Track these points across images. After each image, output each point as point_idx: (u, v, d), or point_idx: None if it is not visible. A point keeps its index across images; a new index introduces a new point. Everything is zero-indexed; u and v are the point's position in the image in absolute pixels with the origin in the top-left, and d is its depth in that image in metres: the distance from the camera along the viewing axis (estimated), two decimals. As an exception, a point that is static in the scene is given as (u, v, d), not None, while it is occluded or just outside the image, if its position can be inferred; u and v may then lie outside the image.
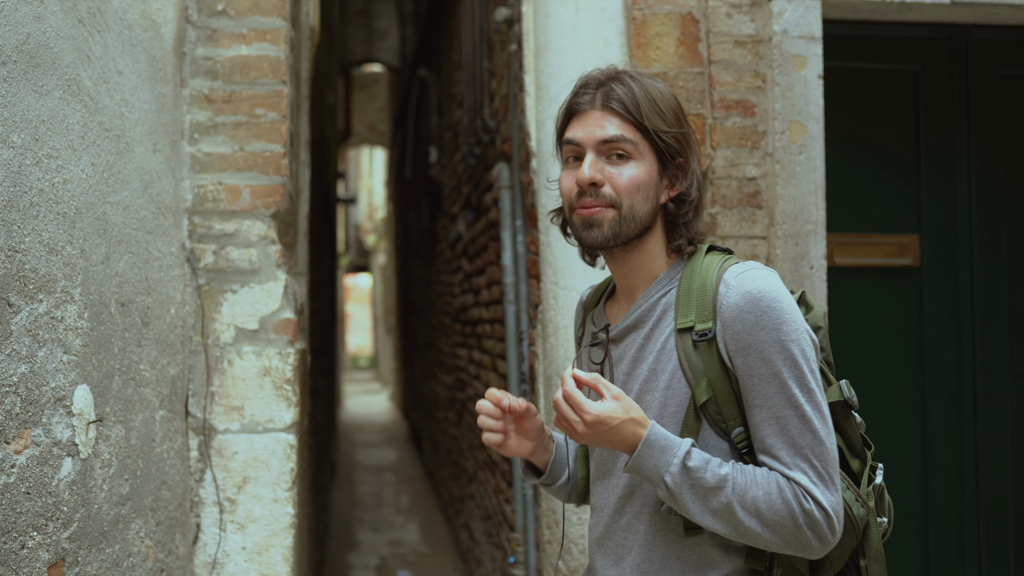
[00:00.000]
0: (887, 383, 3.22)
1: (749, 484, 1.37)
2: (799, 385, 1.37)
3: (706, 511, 1.38)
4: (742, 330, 1.38)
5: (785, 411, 1.37)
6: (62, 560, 1.78)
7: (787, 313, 1.39)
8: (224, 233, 2.76)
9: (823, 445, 1.37)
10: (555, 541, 2.95)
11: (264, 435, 2.74)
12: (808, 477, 1.36)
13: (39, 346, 1.70)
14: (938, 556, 3.22)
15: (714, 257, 1.50)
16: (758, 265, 1.45)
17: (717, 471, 1.37)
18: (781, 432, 1.37)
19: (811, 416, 1.37)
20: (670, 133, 1.48)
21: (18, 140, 1.63)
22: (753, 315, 1.38)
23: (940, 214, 3.24)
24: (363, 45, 11.49)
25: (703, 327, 1.42)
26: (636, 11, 2.88)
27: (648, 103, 1.47)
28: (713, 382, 1.42)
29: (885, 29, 3.17)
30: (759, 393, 1.38)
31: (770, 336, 1.37)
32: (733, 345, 1.40)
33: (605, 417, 1.37)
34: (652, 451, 1.38)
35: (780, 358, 1.37)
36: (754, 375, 1.38)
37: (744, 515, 1.36)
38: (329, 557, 6.07)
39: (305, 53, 3.42)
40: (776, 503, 1.35)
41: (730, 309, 1.40)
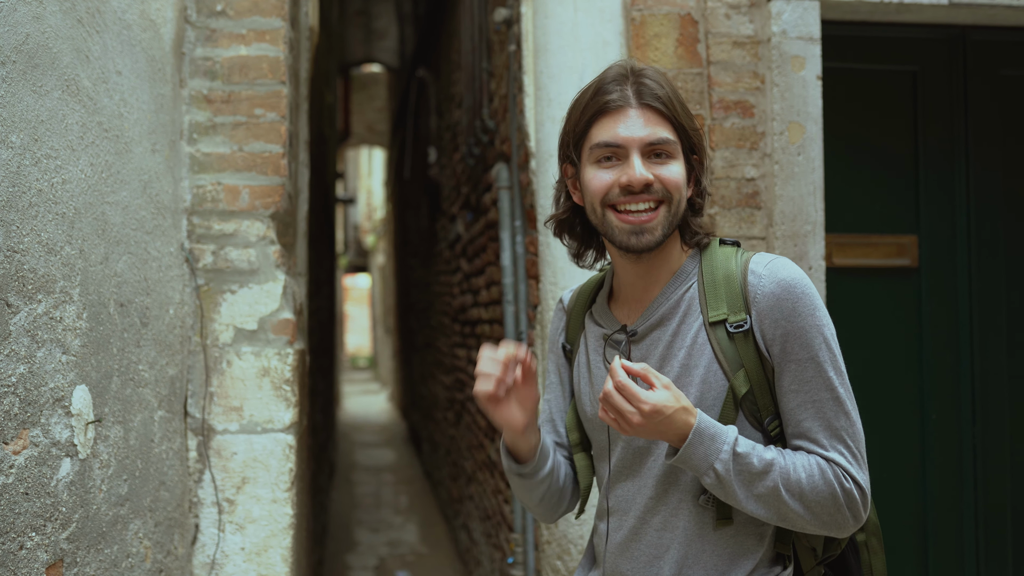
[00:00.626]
0: (886, 383, 3.22)
1: (792, 467, 1.39)
2: (834, 368, 1.42)
3: (751, 496, 1.39)
4: (780, 317, 1.42)
5: (822, 394, 1.41)
6: (60, 561, 1.77)
7: (818, 299, 1.44)
8: (223, 233, 2.76)
9: (855, 426, 1.42)
10: (554, 542, 2.95)
11: (263, 435, 2.74)
12: (845, 458, 1.40)
13: (38, 346, 1.70)
14: (937, 556, 3.22)
15: (728, 249, 1.52)
16: (776, 255, 1.49)
17: (763, 456, 1.40)
18: (818, 415, 1.41)
19: (844, 398, 1.42)
20: (696, 132, 1.50)
21: (17, 140, 1.63)
22: (790, 302, 1.41)
23: (938, 215, 3.24)
24: (362, 45, 11.49)
25: (737, 318, 1.44)
26: (635, 12, 2.89)
27: (677, 100, 1.48)
28: (750, 372, 1.44)
29: (883, 30, 3.18)
30: (796, 378, 1.42)
31: (807, 322, 1.41)
32: (771, 333, 1.42)
33: (661, 406, 1.36)
34: (703, 439, 1.38)
35: (817, 342, 1.41)
36: (792, 360, 1.42)
37: (788, 497, 1.39)
38: (328, 558, 6.07)
39: (304, 53, 3.42)
40: (819, 484, 1.39)
41: (766, 298, 1.43)
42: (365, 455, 10.71)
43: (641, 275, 1.54)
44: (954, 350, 3.25)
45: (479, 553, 4.94)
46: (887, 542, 3.22)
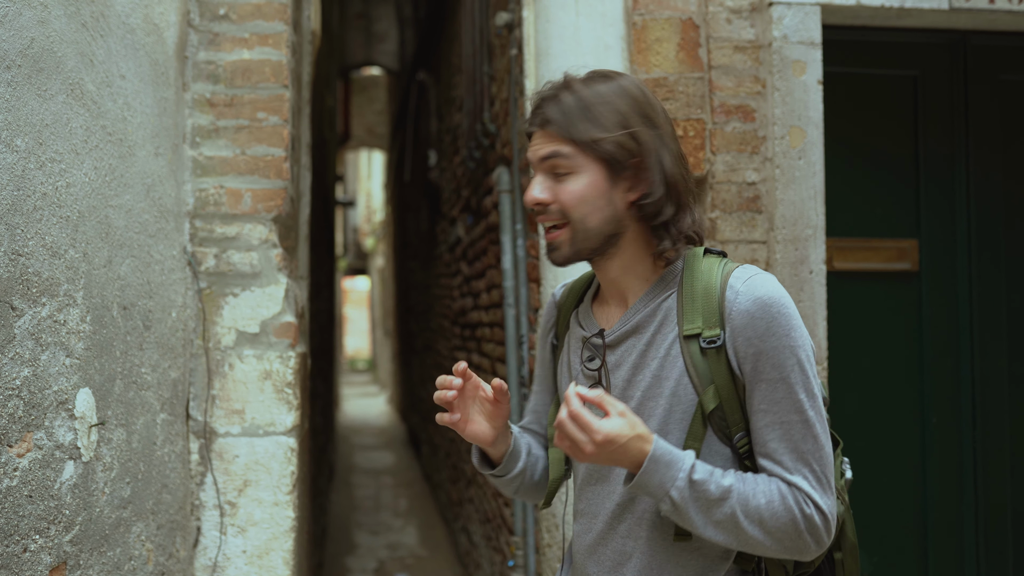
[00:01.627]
0: (886, 387, 3.22)
1: (751, 493, 1.37)
2: (805, 391, 1.39)
3: (709, 523, 1.37)
4: (754, 336, 1.39)
5: (790, 416, 1.38)
6: (64, 563, 1.78)
7: (795, 319, 1.41)
8: (225, 237, 2.77)
9: (823, 450, 1.39)
10: (555, 544, 2.95)
11: (265, 438, 2.74)
12: (809, 482, 1.37)
13: (42, 349, 1.70)
14: (937, 560, 3.23)
15: (712, 260, 1.49)
16: (759, 270, 1.45)
17: (721, 482, 1.37)
18: (785, 436, 1.38)
19: (814, 421, 1.38)
20: (608, 139, 1.44)
21: (22, 144, 1.64)
22: (765, 321, 1.39)
23: (939, 219, 3.25)
24: (362, 48, 11.49)
25: (711, 334, 1.42)
26: (637, 16, 2.89)
27: (580, 113, 1.44)
28: (720, 388, 1.42)
29: (884, 35, 3.18)
30: (766, 398, 1.39)
31: (781, 342, 1.38)
32: (744, 351, 1.40)
33: (614, 435, 1.34)
34: (658, 466, 1.37)
35: (790, 364, 1.38)
36: (763, 380, 1.39)
37: (747, 524, 1.36)
38: (327, 560, 6.07)
39: (306, 57, 3.43)
40: (778, 510, 1.36)
41: (741, 315, 1.40)
42: (364, 458, 10.71)
43: (610, 282, 1.54)
44: (954, 354, 3.25)
45: (479, 556, 4.94)
46: (887, 546, 3.23)
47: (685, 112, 2.88)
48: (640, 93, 1.49)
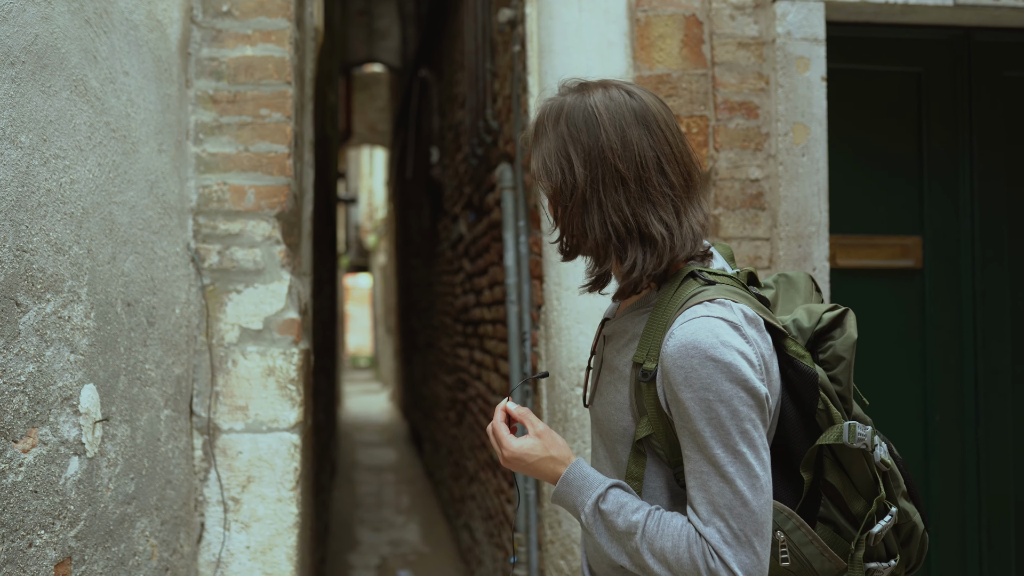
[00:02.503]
0: (889, 384, 3.22)
1: (660, 534, 1.36)
2: (723, 446, 1.32)
3: (622, 551, 1.40)
4: (673, 383, 1.34)
5: (705, 468, 1.33)
6: (69, 559, 1.78)
7: (720, 371, 1.32)
8: (229, 233, 2.77)
9: (746, 506, 1.31)
10: (557, 541, 2.95)
11: (268, 435, 2.74)
12: (720, 536, 1.32)
13: (46, 345, 1.71)
14: (940, 557, 3.23)
15: (687, 289, 1.42)
16: (714, 310, 1.36)
17: (629, 517, 1.38)
18: (701, 487, 1.34)
19: (733, 477, 1.31)
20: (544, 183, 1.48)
21: (26, 140, 1.64)
22: (684, 371, 1.33)
23: (942, 216, 3.25)
24: (364, 45, 11.49)
25: (648, 367, 1.40)
26: (640, 13, 2.89)
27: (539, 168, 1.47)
28: (652, 421, 1.41)
29: (888, 31, 3.18)
30: (684, 445, 1.36)
31: (696, 395, 1.32)
32: (668, 394, 1.37)
33: (521, 454, 1.46)
34: (570, 489, 1.44)
35: (704, 418, 1.32)
36: (681, 428, 1.36)
37: (653, 562, 1.36)
38: (330, 556, 6.08)
39: (309, 54, 3.43)
40: (683, 556, 1.34)
41: (667, 359, 1.35)
42: (367, 454, 10.72)
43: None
44: (957, 351, 3.25)
45: (481, 552, 4.95)
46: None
47: (688, 109, 2.88)
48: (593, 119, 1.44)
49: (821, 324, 1.53)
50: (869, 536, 1.44)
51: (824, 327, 1.53)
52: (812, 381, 1.43)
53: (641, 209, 1.41)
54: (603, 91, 1.45)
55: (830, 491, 1.45)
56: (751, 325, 1.38)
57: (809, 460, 1.44)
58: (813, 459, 1.44)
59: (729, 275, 1.46)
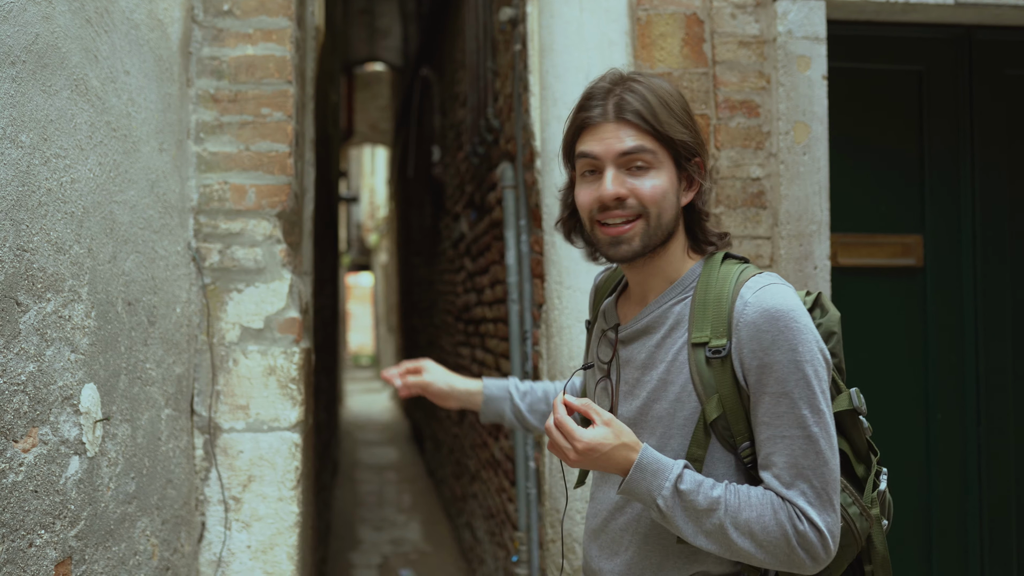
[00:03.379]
0: (890, 383, 3.22)
1: (742, 505, 1.36)
2: (809, 406, 1.36)
3: (699, 532, 1.38)
4: (758, 348, 1.37)
5: (792, 431, 1.36)
6: (69, 558, 1.78)
7: (804, 333, 1.38)
8: (230, 232, 2.77)
9: (827, 466, 1.36)
10: (558, 540, 2.95)
11: (269, 434, 2.74)
12: (806, 498, 1.35)
13: (47, 345, 1.71)
14: (941, 556, 3.23)
15: (730, 267, 1.48)
16: (775, 278, 1.43)
17: (710, 493, 1.37)
18: (786, 451, 1.36)
19: (818, 437, 1.36)
20: (686, 136, 1.47)
21: (27, 140, 1.64)
22: (771, 334, 1.37)
23: (943, 214, 3.24)
24: (366, 44, 11.49)
25: (718, 343, 1.41)
26: (641, 11, 2.89)
27: (663, 108, 1.45)
28: (724, 399, 1.41)
29: (889, 30, 3.18)
30: (769, 411, 1.38)
31: (786, 356, 1.36)
32: (749, 362, 1.39)
33: (596, 444, 1.39)
34: (644, 475, 1.40)
35: (794, 378, 1.36)
36: (766, 393, 1.38)
37: (737, 536, 1.36)
38: (332, 555, 6.08)
39: (310, 53, 3.43)
40: (769, 524, 1.35)
41: (748, 327, 1.38)
42: (368, 453, 10.72)
43: (639, 281, 1.56)
44: (959, 350, 3.25)
45: (482, 551, 4.95)
46: (891, 541, 3.22)
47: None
48: (682, 96, 1.51)
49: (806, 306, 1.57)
50: (880, 494, 1.51)
51: (808, 307, 1.57)
52: (828, 360, 1.46)
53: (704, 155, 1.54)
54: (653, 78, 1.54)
55: (840, 457, 1.49)
56: None
57: None
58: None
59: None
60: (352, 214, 23.31)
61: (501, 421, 1.89)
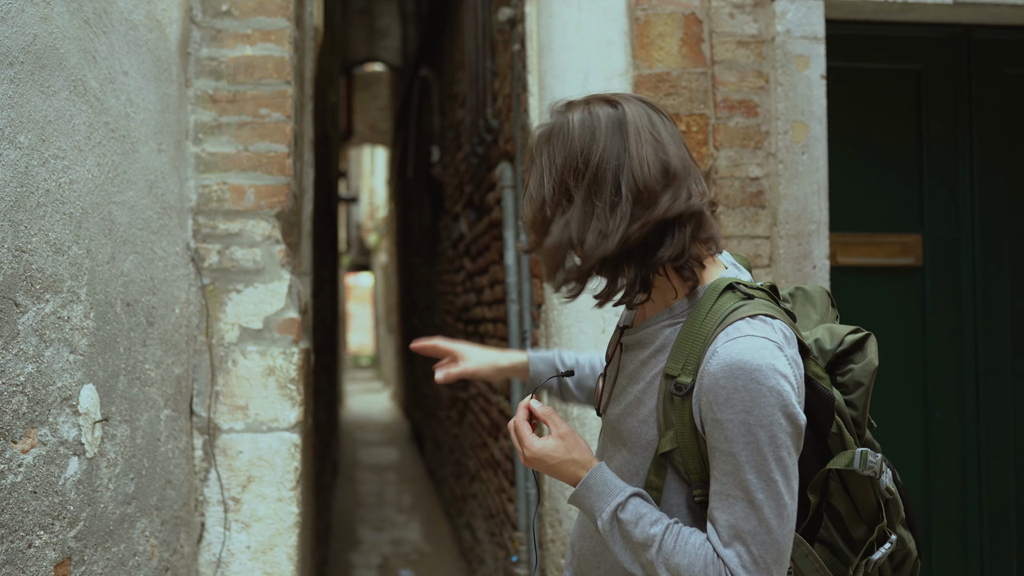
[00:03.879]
0: (889, 382, 3.22)
1: (677, 550, 1.34)
2: (757, 471, 1.29)
3: (635, 561, 1.37)
4: (713, 402, 1.32)
5: (736, 491, 1.31)
6: (68, 559, 1.78)
7: (764, 395, 1.29)
8: (228, 233, 2.77)
9: (770, 534, 1.30)
10: (558, 540, 2.95)
11: (268, 434, 2.74)
12: (740, 560, 1.30)
13: (46, 346, 1.71)
14: (940, 555, 3.23)
15: (726, 301, 1.39)
16: (758, 328, 1.34)
17: (647, 529, 1.36)
18: (727, 509, 1.32)
19: (762, 504, 1.29)
20: (535, 210, 1.45)
21: (25, 141, 1.64)
22: (727, 391, 1.30)
23: (942, 214, 3.24)
24: (365, 44, 11.49)
25: (684, 380, 1.37)
26: (639, 11, 2.89)
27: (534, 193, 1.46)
28: (680, 436, 1.38)
29: (888, 29, 3.18)
30: (717, 467, 1.33)
31: (737, 416, 1.29)
32: (705, 413, 1.34)
33: (543, 455, 1.44)
34: (589, 493, 1.42)
35: (743, 441, 1.29)
36: (715, 448, 1.33)
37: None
38: (332, 556, 6.08)
39: (309, 53, 3.43)
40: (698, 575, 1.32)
41: (708, 376, 1.33)
42: (368, 454, 10.72)
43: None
44: (958, 349, 3.25)
45: (482, 551, 4.95)
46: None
47: (688, 107, 2.88)
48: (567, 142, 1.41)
49: (843, 347, 1.49)
50: (868, 562, 1.44)
51: (845, 349, 1.49)
52: (829, 404, 1.41)
53: (585, 220, 1.39)
54: (585, 108, 1.43)
55: (833, 514, 1.45)
56: (790, 346, 1.37)
57: (817, 483, 1.43)
58: (821, 482, 1.43)
59: (764, 289, 1.44)
60: (352, 214, 23.31)
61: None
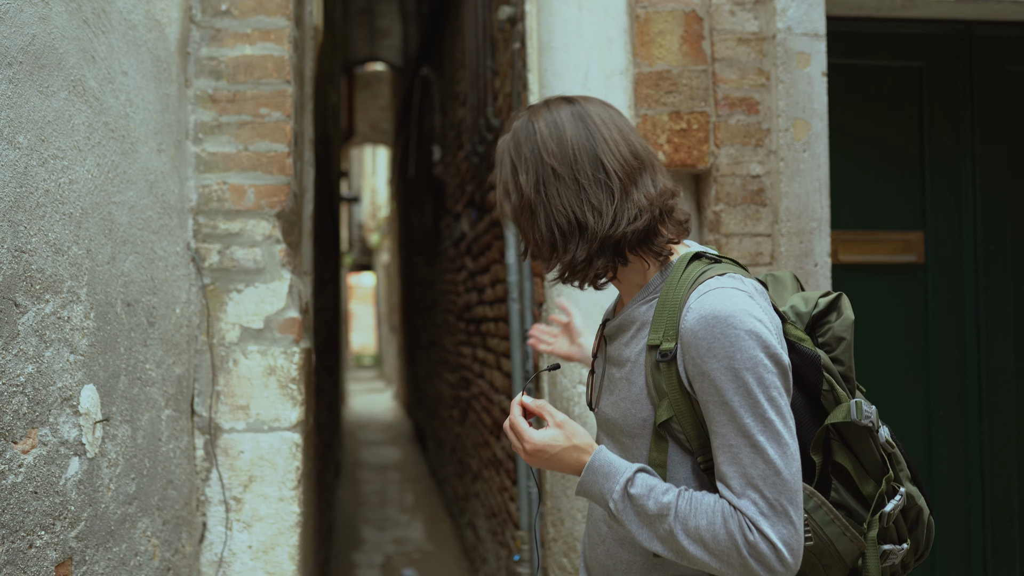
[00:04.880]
0: (892, 380, 3.22)
1: (693, 513, 1.34)
2: (752, 414, 1.31)
3: (653, 537, 1.37)
4: (696, 356, 1.34)
5: (736, 440, 1.32)
6: (69, 559, 1.78)
7: (742, 339, 1.32)
8: (229, 233, 2.77)
9: (779, 475, 1.31)
10: (560, 539, 2.95)
11: (270, 434, 2.74)
12: (756, 508, 1.31)
13: (46, 346, 1.70)
14: (943, 553, 3.22)
15: (694, 268, 1.44)
16: (727, 281, 1.39)
17: (660, 499, 1.36)
18: (732, 460, 1.33)
19: (764, 446, 1.31)
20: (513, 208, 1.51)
21: (24, 141, 1.64)
22: (707, 341, 1.33)
23: (944, 211, 3.24)
24: (366, 44, 11.49)
25: (667, 347, 1.39)
26: (640, 9, 2.88)
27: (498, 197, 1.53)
28: (674, 403, 1.39)
29: (889, 26, 3.17)
30: (714, 420, 1.35)
31: (722, 364, 1.32)
32: (690, 370, 1.36)
33: (544, 445, 1.43)
34: (596, 477, 1.41)
35: (732, 387, 1.32)
36: (707, 402, 1.35)
37: (688, 543, 1.34)
38: (334, 555, 6.08)
39: (309, 52, 3.43)
40: (719, 533, 1.32)
41: (687, 333, 1.36)
42: (371, 453, 10.72)
43: (618, 284, 1.57)
44: (961, 347, 3.24)
45: (485, 551, 4.95)
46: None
47: (689, 105, 2.87)
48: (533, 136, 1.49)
49: (818, 308, 1.53)
50: (882, 516, 1.44)
51: (821, 311, 1.53)
52: (816, 363, 1.43)
53: (576, 200, 1.44)
54: (545, 108, 1.51)
55: (840, 473, 1.44)
56: (763, 298, 1.42)
57: (818, 441, 1.43)
58: (822, 440, 1.43)
59: (730, 259, 1.50)
60: (353, 214, 23.32)
61: None
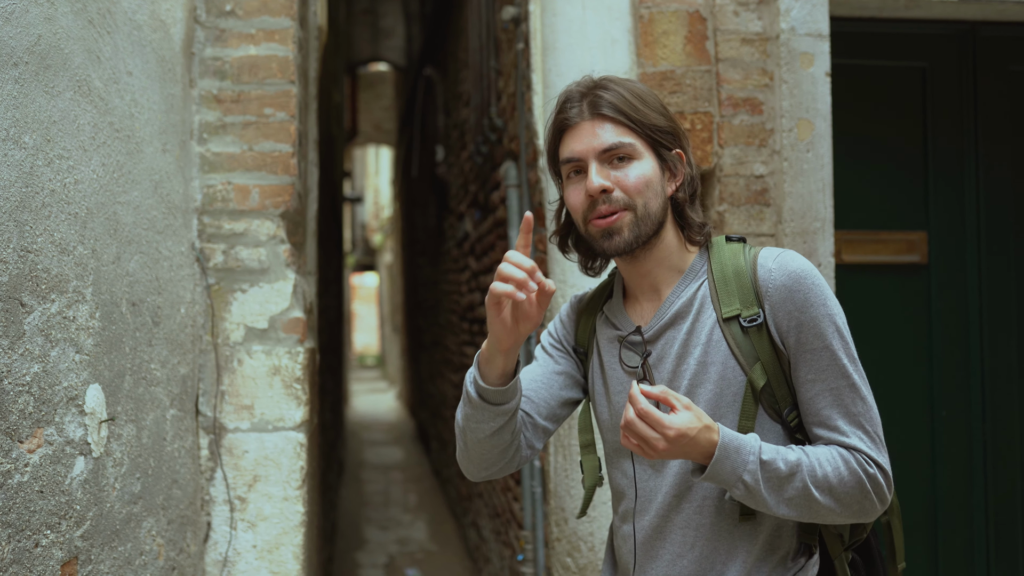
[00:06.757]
0: (895, 380, 3.21)
1: (818, 463, 1.41)
2: (847, 355, 1.44)
3: (781, 501, 1.41)
4: (793, 309, 1.44)
5: (838, 382, 1.43)
6: (75, 558, 1.79)
7: (827, 289, 1.46)
8: (233, 233, 2.77)
9: (872, 410, 1.44)
10: (564, 539, 2.95)
11: (274, 434, 2.75)
12: (865, 443, 1.42)
13: (52, 346, 1.71)
14: (946, 553, 3.22)
15: (734, 246, 1.54)
16: (784, 249, 1.52)
17: (788, 458, 1.41)
18: (836, 403, 1.43)
19: (859, 384, 1.44)
20: (662, 126, 1.51)
21: (30, 141, 1.64)
22: (802, 293, 1.44)
23: (948, 211, 3.23)
24: (369, 44, 11.50)
25: (750, 312, 1.47)
26: (643, 9, 2.88)
27: (637, 102, 1.51)
28: (766, 365, 1.46)
29: (892, 26, 3.17)
30: (812, 367, 1.44)
31: (819, 311, 1.44)
32: (785, 324, 1.45)
33: (686, 429, 1.35)
34: (728, 454, 1.38)
35: (830, 331, 1.44)
36: (807, 350, 1.44)
37: (819, 494, 1.40)
38: (338, 555, 6.09)
39: (313, 52, 3.43)
40: (845, 475, 1.41)
41: (779, 290, 1.45)
42: (374, 453, 10.73)
43: (644, 275, 1.56)
44: (964, 346, 3.24)
45: (488, 551, 4.95)
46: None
47: (692, 105, 2.88)
48: (655, 94, 1.57)
49: None
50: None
51: None
52: None
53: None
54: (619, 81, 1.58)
55: None
56: None
57: None
58: None
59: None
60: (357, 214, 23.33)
61: None
